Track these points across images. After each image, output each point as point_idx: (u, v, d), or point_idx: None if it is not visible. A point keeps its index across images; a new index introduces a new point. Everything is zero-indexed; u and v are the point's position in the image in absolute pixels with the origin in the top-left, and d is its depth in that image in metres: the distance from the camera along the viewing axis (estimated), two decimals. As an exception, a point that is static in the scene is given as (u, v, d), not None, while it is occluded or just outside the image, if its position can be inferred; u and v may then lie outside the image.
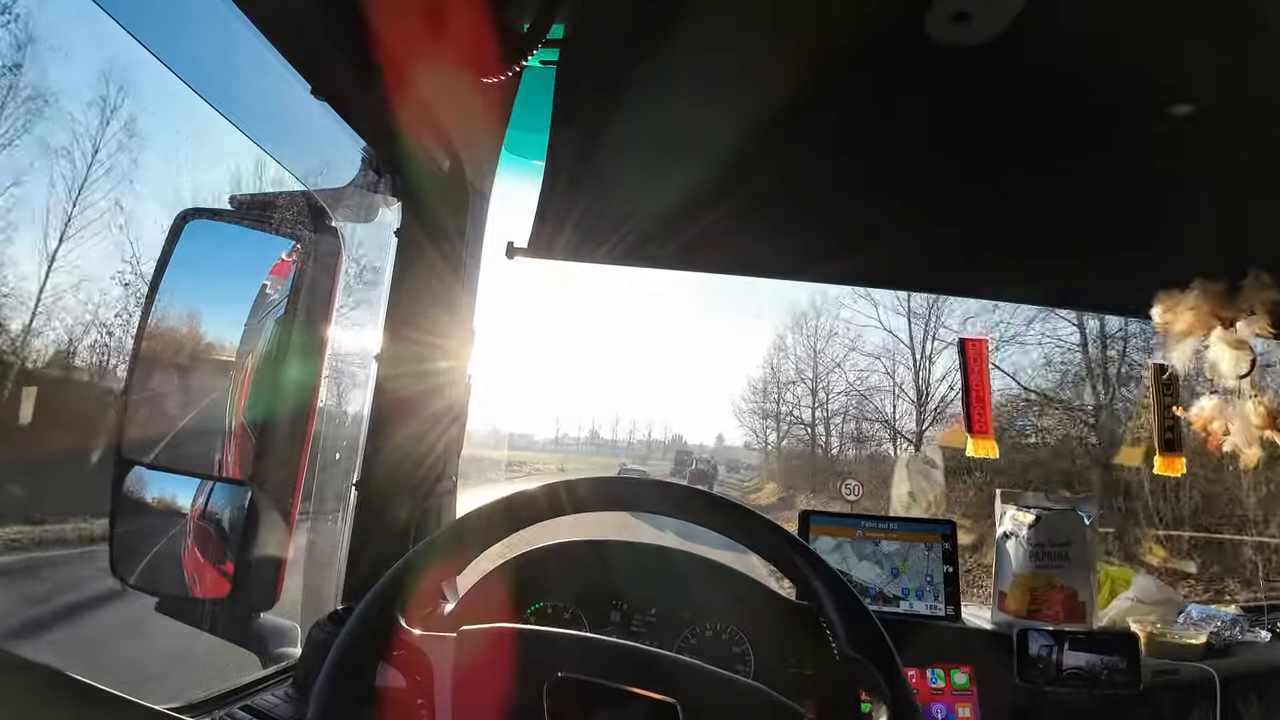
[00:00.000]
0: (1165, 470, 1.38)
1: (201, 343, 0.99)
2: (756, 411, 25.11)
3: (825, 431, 21.38)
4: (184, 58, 0.85)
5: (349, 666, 0.61)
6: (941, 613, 1.29)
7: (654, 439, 64.56)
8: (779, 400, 23.46)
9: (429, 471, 1.09)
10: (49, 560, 5.32)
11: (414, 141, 1.04)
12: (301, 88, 0.92)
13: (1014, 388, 14.07)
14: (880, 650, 0.62)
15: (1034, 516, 1.30)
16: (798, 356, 22.26)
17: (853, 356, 20.03)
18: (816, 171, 1.18)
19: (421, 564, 0.66)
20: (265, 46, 0.84)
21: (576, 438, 62.99)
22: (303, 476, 0.97)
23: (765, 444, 25.72)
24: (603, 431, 65.44)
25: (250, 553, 0.93)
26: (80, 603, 4.04)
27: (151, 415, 0.99)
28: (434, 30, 0.90)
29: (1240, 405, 1.13)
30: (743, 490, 27.66)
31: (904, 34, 0.89)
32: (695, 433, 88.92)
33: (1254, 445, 1.14)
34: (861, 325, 20.18)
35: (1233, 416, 1.14)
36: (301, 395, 0.97)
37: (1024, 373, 14.20)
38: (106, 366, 8.74)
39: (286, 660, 0.96)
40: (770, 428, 24.64)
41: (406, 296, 1.08)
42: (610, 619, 1.12)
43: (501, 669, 0.61)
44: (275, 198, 0.98)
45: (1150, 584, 1.46)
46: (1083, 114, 0.99)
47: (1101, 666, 1.14)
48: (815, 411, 21.78)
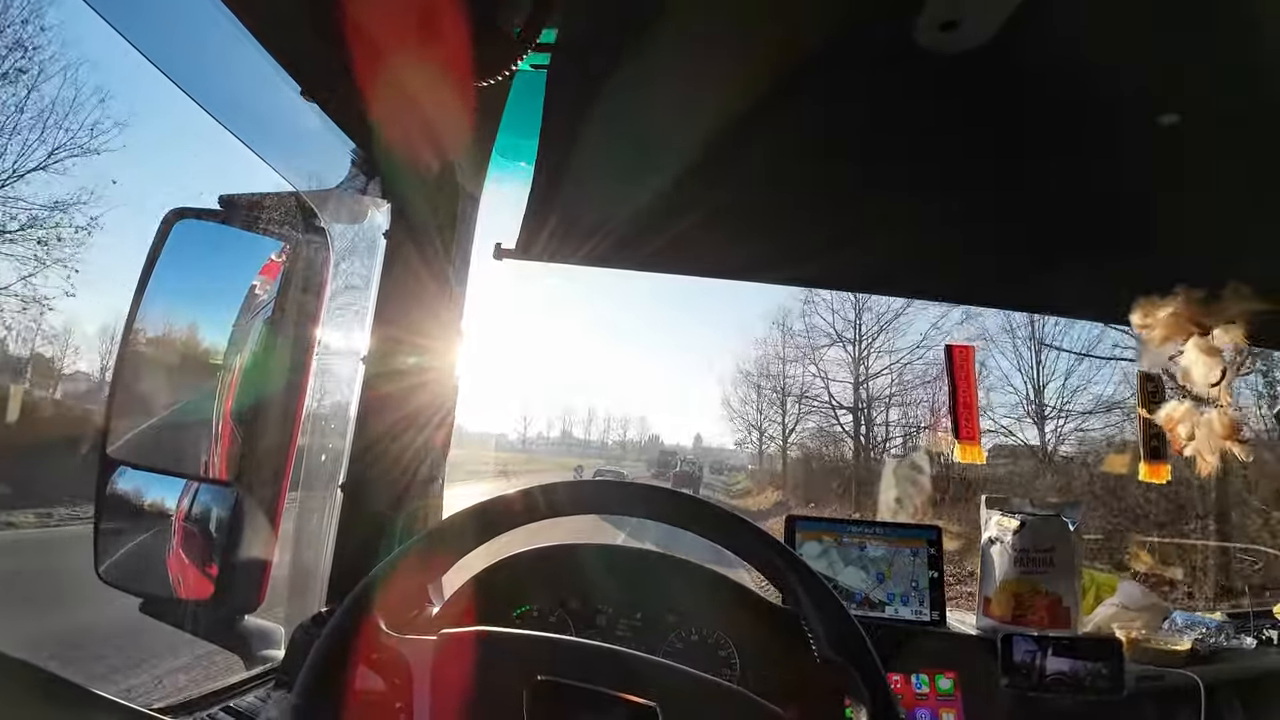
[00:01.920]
0: (1150, 477, 1.39)
1: (189, 343, 0.99)
2: (749, 404, 24.87)
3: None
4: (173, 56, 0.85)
5: (327, 670, 0.61)
6: (927, 618, 1.29)
7: (629, 439, 64.03)
8: (782, 392, 23.09)
9: (415, 473, 1.08)
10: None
11: (404, 144, 1.04)
12: (291, 89, 0.92)
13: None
14: (861, 653, 0.62)
15: (1019, 522, 1.31)
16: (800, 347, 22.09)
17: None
18: (809, 174, 1.18)
19: (400, 567, 0.67)
20: (255, 47, 0.84)
21: (547, 437, 62.29)
22: (288, 478, 0.96)
23: (758, 441, 25.40)
24: (575, 431, 64.71)
25: (235, 554, 0.92)
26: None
27: (138, 415, 0.99)
28: (425, 33, 0.91)
29: (1208, 413, 1.15)
30: (729, 494, 27.42)
31: (891, 40, 0.89)
32: (672, 433, 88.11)
33: (1214, 454, 1.15)
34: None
35: (1199, 423, 1.15)
36: (288, 396, 0.97)
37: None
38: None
39: (270, 662, 0.96)
40: (770, 421, 24.22)
41: (395, 298, 1.08)
42: (596, 622, 1.12)
43: (482, 672, 0.61)
44: (264, 198, 0.98)
45: (1135, 590, 1.47)
46: (1067, 121, 1.00)
47: (1085, 672, 1.14)
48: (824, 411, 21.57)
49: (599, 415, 68.06)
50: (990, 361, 15.91)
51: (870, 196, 1.23)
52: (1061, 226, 1.24)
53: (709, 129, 1.04)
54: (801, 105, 1.01)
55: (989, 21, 0.85)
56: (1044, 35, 0.87)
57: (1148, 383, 1.38)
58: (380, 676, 0.64)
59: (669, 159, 1.10)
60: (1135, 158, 1.06)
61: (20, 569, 5.85)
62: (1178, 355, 1.14)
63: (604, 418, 68.37)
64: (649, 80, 0.99)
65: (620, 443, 62.93)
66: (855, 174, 1.18)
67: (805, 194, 1.24)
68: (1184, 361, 1.14)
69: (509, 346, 50.85)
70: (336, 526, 1.06)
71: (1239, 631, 1.40)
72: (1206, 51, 0.87)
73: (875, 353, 20.00)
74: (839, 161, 1.14)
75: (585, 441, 63.13)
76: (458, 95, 0.99)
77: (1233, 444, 1.13)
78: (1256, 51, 0.85)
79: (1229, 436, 1.12)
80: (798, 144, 1.10)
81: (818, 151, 1.12)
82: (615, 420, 68.97)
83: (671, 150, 1.09)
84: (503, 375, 52.29)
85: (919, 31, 0.87)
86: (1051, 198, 1.17)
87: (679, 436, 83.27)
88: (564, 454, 55.48)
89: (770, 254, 1.40)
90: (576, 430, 64.91)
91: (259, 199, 0.98)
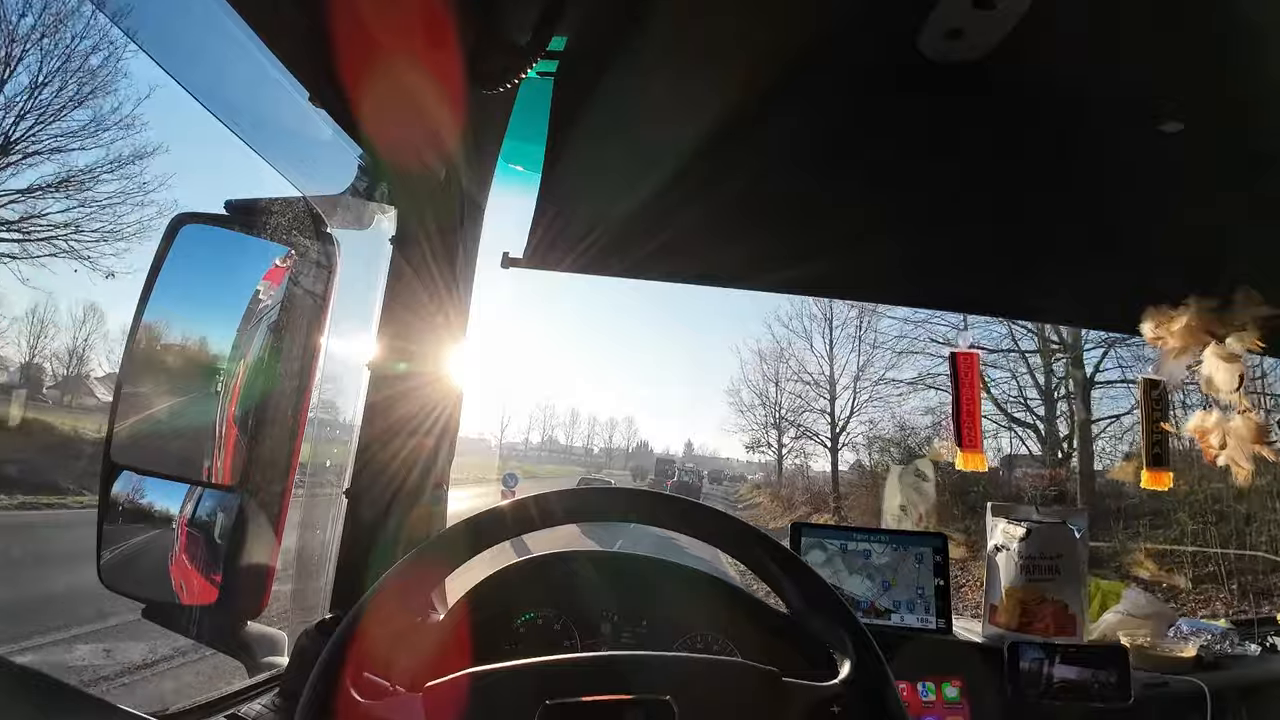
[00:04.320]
0: (1152, 484, 1.39)
1: (193, 348, 0.99)
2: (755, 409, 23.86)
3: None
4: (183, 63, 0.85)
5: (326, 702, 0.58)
6: (933, 625, 1.29)
7: (614, 445, 62.83)
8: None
9: (420, 479, 1.08)
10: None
11: (411, 150, 1.04)
12: (299, 95, 0.93)
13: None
14: (873, 667, 0.62)
15: (1025, 530, 1.31)
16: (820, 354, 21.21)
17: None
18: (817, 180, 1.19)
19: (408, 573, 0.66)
20: (264, 54, 0.85)
21: (530, 443, 61.11)
22: (292, 483, 0.96)
23: (769, 445, 23.92)
24: (559, 436, 63.48)
25: (239, 559, 0.92)
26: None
27: (142, 420, 0.98)
28: (432, 40, 0.91)
29: (1234, 420, 1.15)
30: (729, 504, 26.98)
31: (896, 49, 0.90)
32: (661, 437, 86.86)
33: (1248, 461, 1.15)
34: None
35: (1229, 431, 1.16)
36: (293, 402, 0.97)
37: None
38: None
39: (274, 669, 0.95)
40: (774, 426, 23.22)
41: (400, 304, 1.08)
42: (600, 630, 1.11)
43: (486, 713, 0.59)
44: (270, 203, 0.98)
45: (1141, 597, 1.46)
46: (1069, 129, 1.01)
47: (1092, 679, 1.14)
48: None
49: (582, 418, 66.52)
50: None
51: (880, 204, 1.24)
52: (1057, 233, 1.25)
53: (723, 137, 1.05)
54: (809, 111, 1.01)
55: (993, 31, 0.86)
56: (1043, 46, 0.88)
57: (1151, 389, 1.38)
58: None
59: (681, 165, 1.10)
60: (1133, 165, 1.07)
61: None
62: (1197, 365, 1.14)
63: (588, 420, 67.02)
64: (660, 87, 1.00)
65: (606, 449, 61.94)
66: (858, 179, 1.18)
67: (814, 198, 1.24)
68: (1205, 370, 1.14)
69: (491, 345, 50.25)
70: (341, 532, 1.05)
71: (1244, 638, 1.40)
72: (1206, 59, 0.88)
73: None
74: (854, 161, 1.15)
75: (568, 448, 61.92)
76: (464, 102, 0.99)
77: (1262, 448, 1.13)
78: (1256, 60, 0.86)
79: (1258, 441, 1.13)
80: (806, 148, 1.11)
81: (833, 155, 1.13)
82: (601, 424, 67.13)
83: (683, 156, 1.09)
84: (485, 376, 51.52)
85: (923, 39, 0.88)
86: (1048, 205, 1.18)
87: (669, 441, 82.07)
88: (544, 460, 54.54)
89: (779, 259, 1.40)
90: (559, 434, 63.60)
91: (265, 204, 0.98)
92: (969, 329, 9.75)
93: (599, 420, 69.48)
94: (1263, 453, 1.13)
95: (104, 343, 17.01)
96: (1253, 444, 1.12)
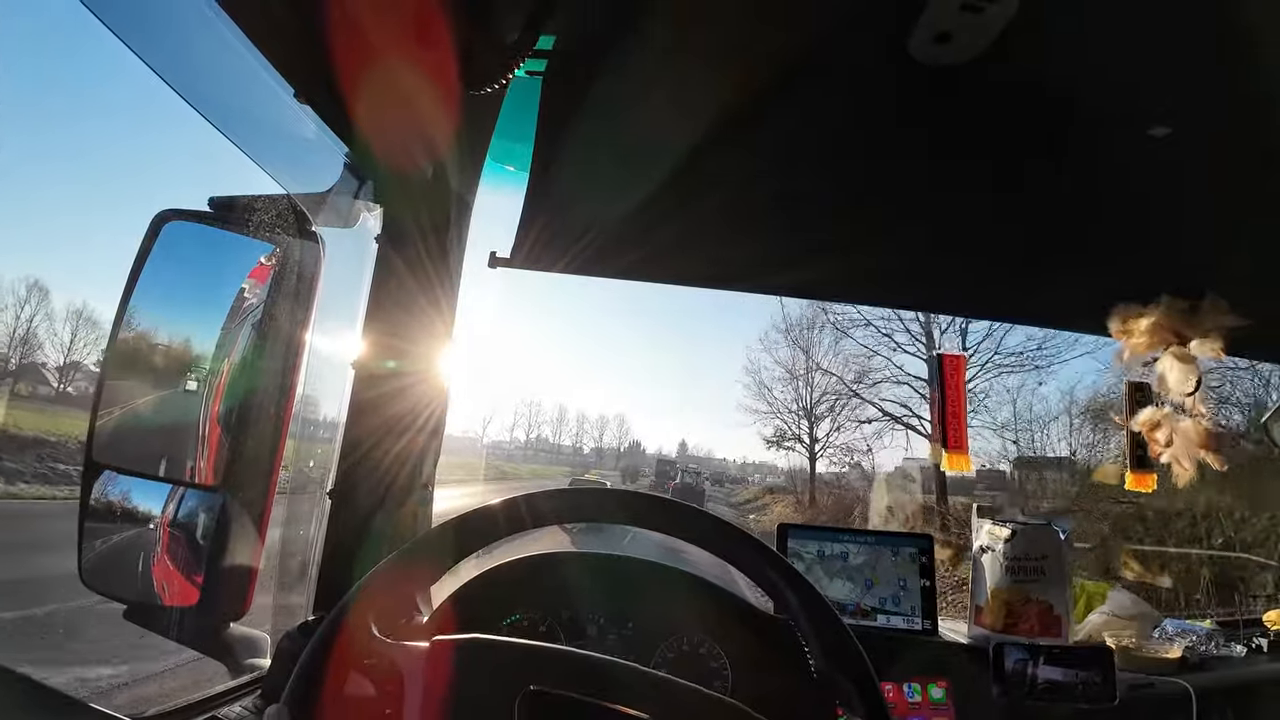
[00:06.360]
0: (1136, 487, 1.40)
1: (176, 346, 0.98)
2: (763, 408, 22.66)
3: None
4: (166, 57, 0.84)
5: (318, 677, 0.60)
6: (919, 627, 1.29)
7: (605, 444, 62.20)
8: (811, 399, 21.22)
9: (405, 480, 1.07)
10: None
11: (398, 148, 1.04)
12: (285, 92, 0.92)
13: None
14: (857, 667, 0.62)
15: (1010, 531, 1.32)
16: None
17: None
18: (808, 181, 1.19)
19: (388, 575, 0.66)
20: (249, 50, 0.84)
21: (516, 440, 60.50)
22: (275, 483, 0.95)
23: (797, 439, 22.11)
24: (547, 434, 62.75)
25: (221, 560, 0.91)
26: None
27: (124, 419, 0.97)
28: (421, 39, 0.91)
29: (1184, 422, 1.16)
30: (732, 506, 26.47)
31: (885, 53, 0.90)
32: (654, 436, 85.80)
33: (1191, 462, 1.17)
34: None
35: (1177, 430, 1.17)
36: (277, 401, 0.96)
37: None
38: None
39: (256, 671, 0.94)
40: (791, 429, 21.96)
41: (386, 303, 1.08)
42: (586, 632, 1.11)
43: (473, 680, 0.60)
44: (255, 201, 0.97)
45: (1126, 598, 1.47)
46: (1057, 134, 1.01)
47: (1077, 680, 1.14)
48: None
49: (571, 416, 65.49)
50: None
51: (870, 207, 1.24)
52: (1052, 237, 1.25)
53: (711, 138, 1.04)
54: (799, 114, 1.01)
55: (982, 35, 0.86)
56: (1034, 50, 0.89)
57: (1136, 392, 1.39)
58: (370, 682, 0.62)
59: (671, 165, 1.10)
60: (1125, 169, 1.07)
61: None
62: (1151, 362, 1.16)
63: (576, 418, 65.78)
64: (648, 87, 0.99)
65: (596, 449, 61.39)
66: (849, 183, 1.19)
67: (804, 202, 1.24)
68: (1160, 368, 1.15)
69: (478, 343, 49.57)
70: (324, 533, 1.04)
71: (1229, 639, 1.41)
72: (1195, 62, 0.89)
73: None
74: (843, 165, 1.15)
75: (556, 446, 61.29)
76: (452, 101, 0.99)
77: (1208, 454, 1.14)
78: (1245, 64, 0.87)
79: (1204, 446, 1.14)
80: (796, 151, 1.11)
81: (816, 158, 1.13)
82: (591, 422, 66.02)
83: (673, 157, 1.09)
84: (472, 375, 50.87)
85: (913, 43, 0.88)
86: (1041, 209, 1.19)
87: (662, 441, 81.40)
88: (530, 459, 54.11)
89: (767, 261, 1.41)
90: (546, 432, 62.80)
91: (250, 201, 0.97)
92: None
93: (589, 418, 68.34)
94: (1208, 459, 1.14)
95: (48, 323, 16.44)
96: (1199, 448, 1.13)
